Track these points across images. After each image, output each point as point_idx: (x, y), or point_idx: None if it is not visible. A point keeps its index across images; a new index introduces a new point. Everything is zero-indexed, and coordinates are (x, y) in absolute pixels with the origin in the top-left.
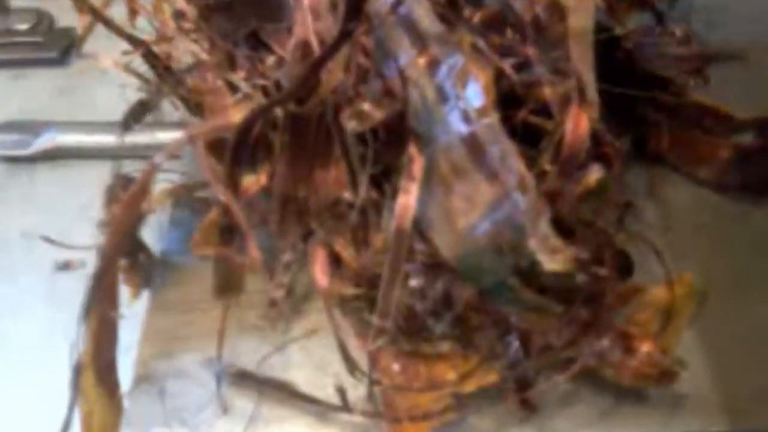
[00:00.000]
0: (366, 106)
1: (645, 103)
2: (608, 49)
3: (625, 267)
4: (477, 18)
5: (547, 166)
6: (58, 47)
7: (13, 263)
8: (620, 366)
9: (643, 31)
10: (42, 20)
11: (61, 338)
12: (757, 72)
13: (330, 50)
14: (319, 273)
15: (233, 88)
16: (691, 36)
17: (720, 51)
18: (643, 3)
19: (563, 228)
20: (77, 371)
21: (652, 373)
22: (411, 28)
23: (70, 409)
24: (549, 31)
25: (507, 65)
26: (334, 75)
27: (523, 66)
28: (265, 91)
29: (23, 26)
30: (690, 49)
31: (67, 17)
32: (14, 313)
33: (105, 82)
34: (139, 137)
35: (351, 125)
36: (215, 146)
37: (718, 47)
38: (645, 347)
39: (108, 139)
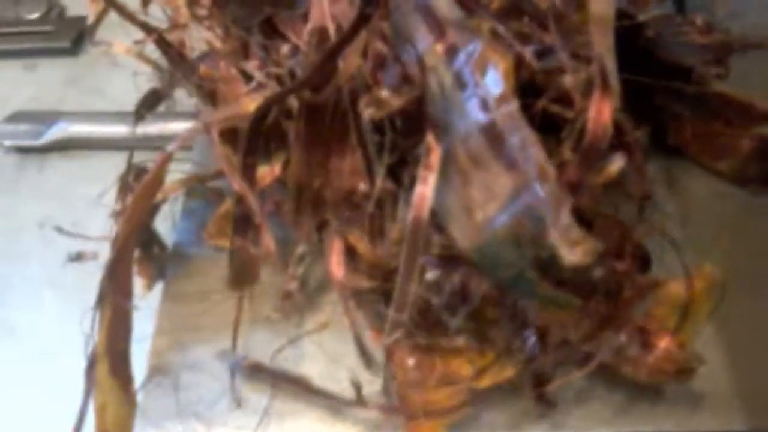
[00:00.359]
0: (384, 93)
1: (665, 93)
2: (629, 38)
3: (642, 261)
4: (494, 5)
5: (569, 156)
6: (70, 36)
7: (25, 253)
8: (637, 362)
9: (664, 20)
10: (52, 9)
11: (72, 329)
12: None
13: (347, 36)
14: (335, 264)
15: (247, 76)
16: (712, 25)
17: (742, 40)
18: None
19: (583, 220)
20: (91, 363)
21: (670, 370)
22: (429, 13)
23: (85, 401)
24: (567, 20)
25: (527, 52)
26: (351, 61)
27: (543, 53)
28: (279, 80)
29: (33, 15)
30: (711, 38)
31: (78, 6)
32: (26, 304)
33: (117, 71)
34: (151, 127)
35: (368, 112)
36: (229, 135)
37: (739, 36)
38: (663, 343)
39: (120, 130)
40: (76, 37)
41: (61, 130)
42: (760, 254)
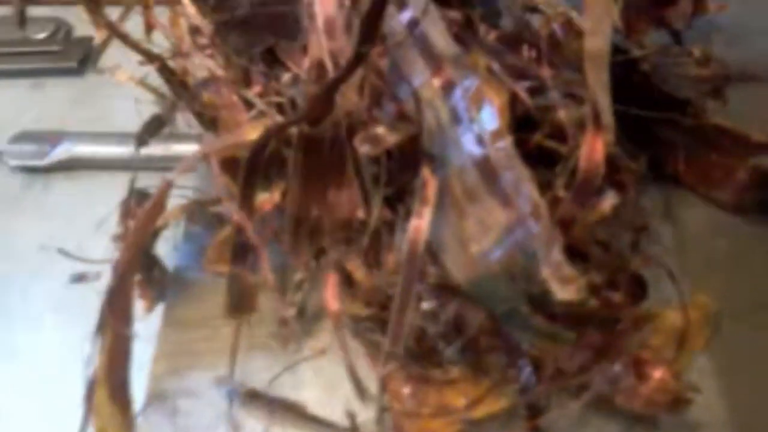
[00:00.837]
0: (379, 130)
1: (662, 124)
2: (625, 70)
3: (639, 290)
4: (493, 36)
5: (562, 193)
6: (77, 56)
7: (28, 274)
8: (632, 392)
9: (661, 52)
10: (60, 29)
11: (75, 351)
12: None
13: (344, 73)
14: (331, 297)
15: (248, 103)
16: (709, 56)
17: (739, 71)
18: (660, 22)
19: (577, 252)
20: (90, 388)
21: (665, 400)
22: (426, 48)
23: (83, 426)
24: (565, 48)
25: (522, 88)
26: (348, 97)
27: (538, 89)
28: (280, 108)
29: (41, 35)
30: (708, 69)
31: (85, 26)
32: (28, 325)
33: (123, 92)
34: (155, 149)
35: (364, 149)
36: (229, 163)
37: (737, 67)
38: (658, 373)
39: (124, 151)
40: (82, 58)
41: (65, 151)
42: (756, 284)
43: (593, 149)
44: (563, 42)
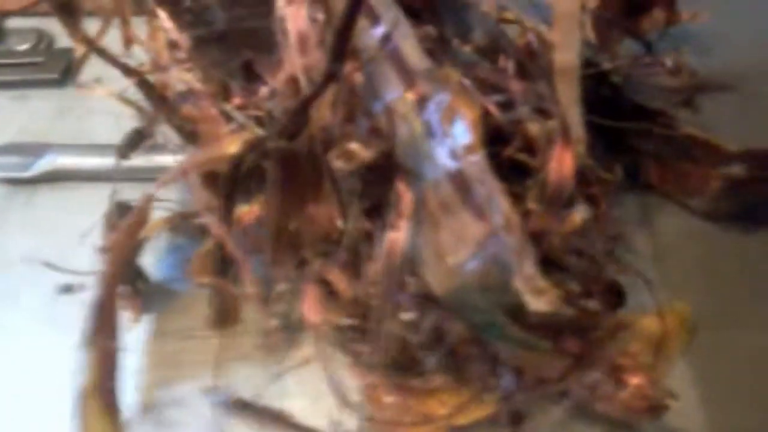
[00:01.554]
0: (354, 146)
1: (635, 134)
2: (596, 82)
3: (616, 298)
4: (468, 49)
5: (533, 205)
6: (59, 68)
7: (14, 286)
8: (611, 399)
9: (632, 62)
10: (42, 40)
11: (62, 362)
12: (753, 101)
13: (317, 89)
14: (309, 310)
15: (228, 116)
16: (681, 66)
17: (711, 81)
18: (633, 32)
19: (552, 262)
20: (80, 400)
21: (642, 406)
22: (399, 63)
23: None
24: (541, 59)
25: (492, 103)
26: (322, 114)
27: (510, 103)
28: (259, 121)
29: (23, 47)
30: (680, 79)
31: (67, 37)
32: (15, 337)
33: (106, 104)
34: (138, 160)
35: (338, 165)
36: (209, 177)
37: (709, 77)
38: (635, 380)
39: (108, 162)
40: (65, 69)
41: (49, 162)
42: (731, 289)
43: (562, 162)
44: (539, 52)
